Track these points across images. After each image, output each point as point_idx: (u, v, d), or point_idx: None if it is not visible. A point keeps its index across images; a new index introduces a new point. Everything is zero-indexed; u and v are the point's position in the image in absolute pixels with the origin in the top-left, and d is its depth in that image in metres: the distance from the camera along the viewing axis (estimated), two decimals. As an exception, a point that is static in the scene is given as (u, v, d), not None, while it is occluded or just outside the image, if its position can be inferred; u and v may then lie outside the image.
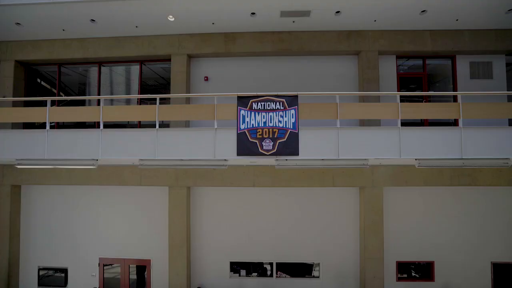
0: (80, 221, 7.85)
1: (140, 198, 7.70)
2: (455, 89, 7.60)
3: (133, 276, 7.97)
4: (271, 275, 7.62)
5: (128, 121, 8.25)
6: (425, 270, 7.50)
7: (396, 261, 7.39)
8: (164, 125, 7.62)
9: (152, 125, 5.68)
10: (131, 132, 5.75)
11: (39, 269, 7.98)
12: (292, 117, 5.41)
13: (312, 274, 7.60)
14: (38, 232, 7.96)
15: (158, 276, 7.66)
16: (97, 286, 6.88)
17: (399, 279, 7.42)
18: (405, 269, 7.54)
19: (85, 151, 5.71)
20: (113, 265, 7.96)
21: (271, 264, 7.64)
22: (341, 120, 5.48)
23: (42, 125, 5.94)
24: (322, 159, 5.48)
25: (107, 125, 5.80)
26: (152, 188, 7.61)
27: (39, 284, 8.01)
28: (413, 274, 7.54)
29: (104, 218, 7.81)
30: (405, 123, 5.52)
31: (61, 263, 7.92)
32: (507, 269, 7.70)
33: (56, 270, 8.00)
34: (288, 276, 7.62)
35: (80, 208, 7.86)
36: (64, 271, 7.93)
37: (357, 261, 7.45)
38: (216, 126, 5.51)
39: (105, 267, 7.92)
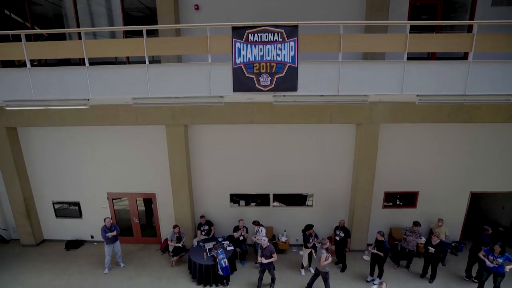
0: (85, 160, 8.07)
1: (140, 137, 7.75)
2: (472, 19, 6.94)
3: (141, 208, 8.70)
4: (268, 205, 8.33)
5: (116, 58, 7.70)
6: (408, 199, 8.19)
7: (384, 192, 8.00)
8: (154, 61, 7.18)
9: (142, 62, 5.30)
10: (120, 69, 5.37)
11: (54, 203, 8.61)
12: (291, 50, 5.02)
13: (306, 204, 8.31)
14: (44, 171, 8.26)
15: (164, 207, 8.33)
16: (109, 217, 7.51)
17: (384, 206, 8.17)
18: (391, 198, 8.24)
19: (74, 91, 5.44)
20: (121, 199, 8.58)
21: (268, 195, 8.26)
22: (343, 53, 5.12)
23: (24, 65, 5.50)
24: (321, 95, 5.32)
25: (94, 63, 5.40)
26: (150, 127, 7.60)
27: (56, 216, 8.75)
28: (397, 202, 8.27)
29: (108, 157, 7.99)
30: (410, 58, 5.18)
31: (73, 197, 8.49)
32: (480, 197, 8.49)
33: (70, 204, 8.63)
34: (284, 205, 8.35)
35: (82, 148, 7.98)
36: (77, 204, 8.56)
37: (348, 192, 8.04)
38: (210, 61, 5.15)
39: (114, 201, 8.55)
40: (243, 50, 5.02)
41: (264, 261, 6.00)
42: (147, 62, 5.23)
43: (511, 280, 6.50)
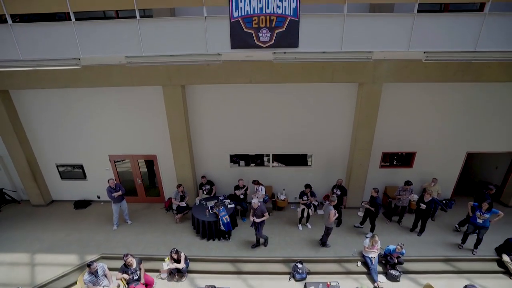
0: (85, 124, 8.01)
1: (138, 99, 7.58)
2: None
3: (144, 169, 8.90)
4: (268, 165, 8.52)
5: (104, 13, 7.15)
6: (405, 160, 8.35)
7: (382, 152, 8.11)
8: (147, 16, 6.69)
9: (133, 17, 4.93)
10: (110, 24, 5.01)
11: (57, 166, 8.78)
12: (293, 1, 4.64)
13: (305, 164, 8.48)
14: (44, 135, 8.26)
15: (165, 168, 8.53)
16: (113, 178, 7.73)
17: (381, 166, 8.36)
18: (388, 159, 8.38)
19: (63, 50, 5.17)
20: (123, 161, 8.73)
21: (267, 155, 8.39)
22: (348, 5, 4.74)
23: (4, 21, 5.11)
24: (323, 52, 5.06)
25: (80, 19, 5.02)
26: (147, 89, 7.40)
27: (62, 178, 9.00)
28: (394, 163, 8.44)
29: (107, 120, 7.91)
30: (420, 11, 4.81)
31: (75, 160, 8.62)
32: (475, 157, 8.64)
33: (73, 166, 8.81)
34: (283, 165, 8.53)
35: (80, 111, 7.85)
36: (80, 167, 8.74)
37: (346, 152, 8.15)
38: (205, 14, 4.79)
39: (116, 163, 8.71)
40: (241, 1, 4.64)
41: (257, 220, 6.28)
42: (137, 16, 4.87)
43: (492, 232, 6.98)
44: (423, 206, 6.75)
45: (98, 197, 9.20)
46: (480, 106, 7.41)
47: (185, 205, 7.80)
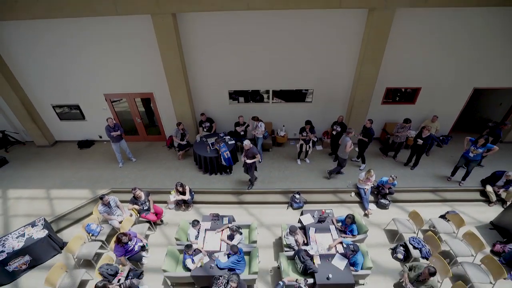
0: (74, 61, 7.54)
1: (127, 32, 6.96)
2: None
3: (142, 109, 8.78)
4: (268, 102, 8.36)
5: None
6: (408, 96, 8.13)
7: (386, 87, 7.85)
8: None
9: None
10: None
11: (53, 107, 8.63)
12: None
13: (305, 100, 8.30)
14: (32, 74, 7.86)
15: (164, 107, 8.40)
16: (111, 117, 7.67)
17: (383, 102, 8.20)
18: (391, 96, 8.17)
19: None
20: (120, 100, 8.54)
21: (267, 91, 8.15)
22: None
23: None
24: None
25: None
26: (135, 20, 6.71)
27: (60, 119, 8.95)
28: (397, 99, 8.25)
29: (97, 56, 7.42)
30: None
31: (71, 100, 8.43)
32: (480, 93, 8.40)
33: (70, 107, 8.66)
34: (283, 101, 8.37)
35: (67, 48, 7.30)
36: (77, 107, 8.59)
37: (349, 87, 7.89)
38: None
39: (114, 103, 8.54)
40: None
41: (248, 161, 6.40)
42: None
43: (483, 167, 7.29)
44: (420, 141, 6.87)
45: (100, 137, 9.33)
46: (494, 37, 6.81)
47: (186, 143, 7.96)
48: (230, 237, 5.17)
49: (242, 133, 7.93)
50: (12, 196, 6.97)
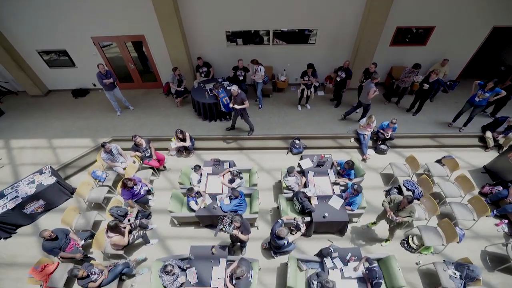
0: (56, 2, 6.82)
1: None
2: None
3: (134, 54, 8.25)
4: (268, 44, 7.78)
5: None
6: (419, 38, 7.51)
7: (396, 26, 7.20)
8: None
9: None
10: None
11: (39, 53, 8.08)
12: None
13: (308, 42, 7.73)
14: (12, 17, 7.16)
15: (157, 50, 7.88)
16: (103, 63, 7.24)
17: (392, 44, 7.63)
18: (401, 37, 7.54)
19: None
20: (111, 45, 7.97)
21: (267, 32, 7.53)
22: None
23: None
24: None
25: None
26: None
27: (49, 66, 8.48)
28: (407, 40, 7.65)
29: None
30: None
31: (57, 45, 7.86)
32: (503, 32, 7.74)
33: (58, 53, 8.12)
34: (284, 43, 7.79)
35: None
36: (65, 53, 8.05)
37: (356, 27, 7.24)
38: None
39: (104, 48, 7.98)
40: None
41: (237, 107, 6.23)
42: None
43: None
44: (426, 86, 6.59)
45: (94, 85, 9.01)
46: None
47: (183, 89, 7.69)
48: (231, 181, 5.38)
49: (241, 77, 7.57)
50: (16, 146, 7.04)
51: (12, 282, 4.69)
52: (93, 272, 3.96)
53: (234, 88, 6.08)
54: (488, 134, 6.55)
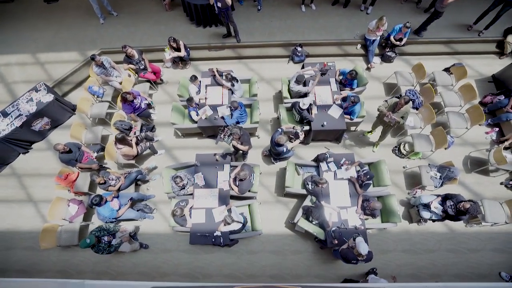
0: None
1: None
2: None
3: None
4: None
5: None
6: None
7: None
8: None
9: None
10: None
11: None
12: None
13: None
14: None
15: None
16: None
17: None
18: None
19: None
20: None
21: None
22: None
23: None
24: None
25: None
26: None
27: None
28: None
29: None
30: None
31: None
32: None
33: None
34: None
35: None
36: None
37: None
38: None
39: None
40: None
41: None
42: None
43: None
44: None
45: (66, -15, 7.72)
46: None
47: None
48: (232, 85, 5.27)
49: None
50: (0, 62, 6.62)
51: (42, 188, 5.30)
52: (111, 178, 4.40)
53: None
54: (510, 38, 5.96)
